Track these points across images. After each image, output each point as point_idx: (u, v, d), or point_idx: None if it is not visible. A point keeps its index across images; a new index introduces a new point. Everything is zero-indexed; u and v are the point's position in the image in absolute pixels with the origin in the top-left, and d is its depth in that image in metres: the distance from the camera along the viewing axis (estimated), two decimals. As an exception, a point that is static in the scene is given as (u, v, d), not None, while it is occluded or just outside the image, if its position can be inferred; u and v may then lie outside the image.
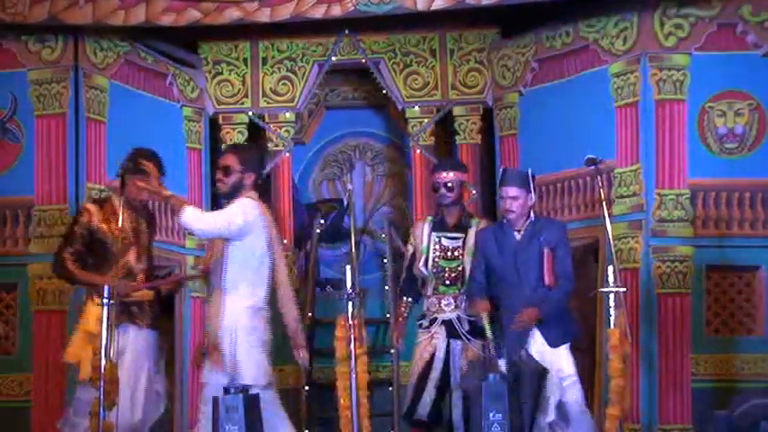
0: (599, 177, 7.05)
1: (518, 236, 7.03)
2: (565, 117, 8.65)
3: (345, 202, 9.82)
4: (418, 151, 9.46)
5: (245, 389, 6.16)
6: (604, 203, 6.79)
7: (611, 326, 6.37)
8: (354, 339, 6.03)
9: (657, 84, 8.14)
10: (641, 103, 8.17)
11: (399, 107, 9.52)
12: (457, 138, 9.48)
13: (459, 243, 7.37)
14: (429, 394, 7.29)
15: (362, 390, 6.04)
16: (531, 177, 7.02)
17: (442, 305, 7.34)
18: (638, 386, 7.93)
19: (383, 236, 9.47)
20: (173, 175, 7.26)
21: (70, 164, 8.20)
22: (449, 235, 7.41)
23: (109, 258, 6.84)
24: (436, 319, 7.35)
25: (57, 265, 6.90)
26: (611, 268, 6.44)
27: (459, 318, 7.30)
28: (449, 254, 7.39)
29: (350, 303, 6.08)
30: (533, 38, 8.94)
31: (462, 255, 7.34)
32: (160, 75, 8.99)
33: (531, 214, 7.05)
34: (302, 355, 6.75)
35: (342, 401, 6.07)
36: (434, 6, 8.29)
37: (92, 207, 6.94)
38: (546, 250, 6.92)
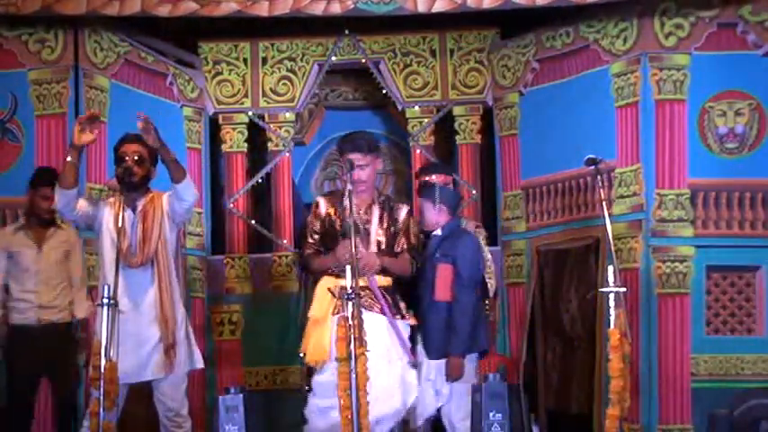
0: (599, 177, 7.03)
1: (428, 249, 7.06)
2: (565, 117, 8.64)
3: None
4: (418, 151, 9.45)
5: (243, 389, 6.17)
6: (604, 203, 6.77)
7: (611, 326, 6.35)
8: (354, 339, 6.02)
9: (657, 84, 8.14)
10: (641, 103, 8.16)
11: (399, 107, 9.51)
12: (457, 138, 9.48)
13: None
14: None
15: (362, 390, 6.03)
16: (438, 189, 7.02)
17: None
18: (638, 386, 7.93)
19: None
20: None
21: (70, 164, 8.17)
22: None
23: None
24: None
25: (302, 260, 6.92)
26: (611, 268, 6.42)
27: None
28: None
29: (350, 303, 6.07)
30: (533, 38, 8.94)
31: None
32: (160, 75, 8.98)
33: (439, 228, 7.01)
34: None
35: (342, 401, 6.05)
36: (435, 9, 8.26)
37: (323, 200, 6.88)
38: (439, 265, 6.90)
